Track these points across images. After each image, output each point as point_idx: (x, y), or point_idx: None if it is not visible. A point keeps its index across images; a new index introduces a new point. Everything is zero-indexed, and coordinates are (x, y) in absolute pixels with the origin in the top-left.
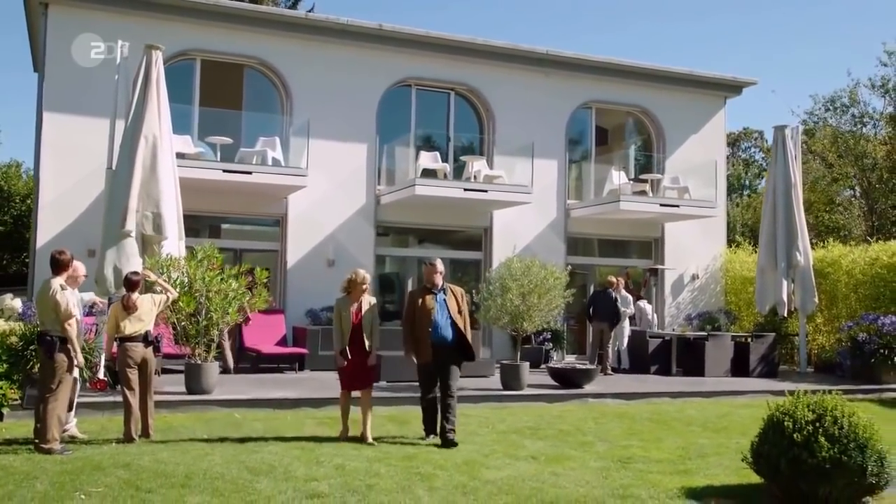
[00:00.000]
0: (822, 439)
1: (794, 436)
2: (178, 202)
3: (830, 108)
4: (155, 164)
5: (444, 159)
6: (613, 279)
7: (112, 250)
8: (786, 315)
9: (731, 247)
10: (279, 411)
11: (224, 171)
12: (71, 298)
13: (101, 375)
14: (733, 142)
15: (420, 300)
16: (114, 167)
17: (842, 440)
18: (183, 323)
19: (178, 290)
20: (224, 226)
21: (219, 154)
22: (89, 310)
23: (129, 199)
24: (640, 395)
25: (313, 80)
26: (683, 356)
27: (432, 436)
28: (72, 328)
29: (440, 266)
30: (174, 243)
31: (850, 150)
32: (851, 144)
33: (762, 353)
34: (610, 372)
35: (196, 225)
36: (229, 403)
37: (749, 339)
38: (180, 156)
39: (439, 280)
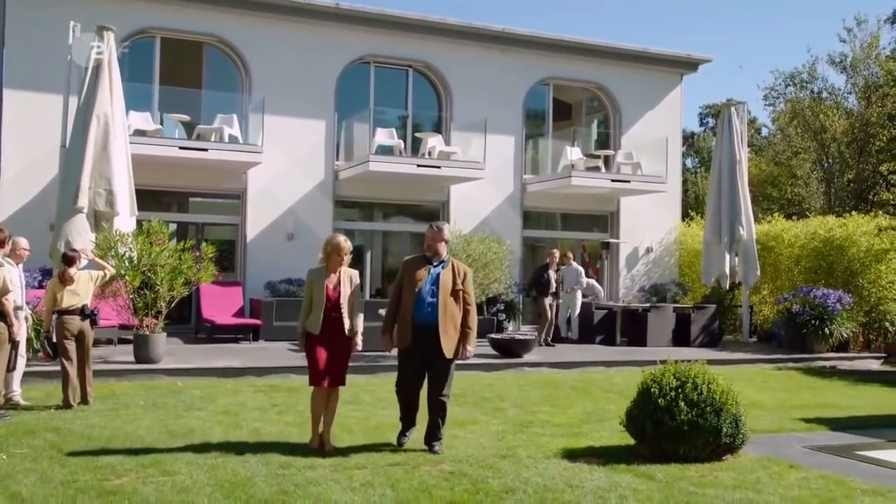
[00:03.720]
0: (682, 404)
1: (659, 401)
2: (130, 179)
3: (791, 83)
4: (107, 143)
5: (403, 136)
6: (555, 253)
7: (66, 225)
8: (728, 287)
9: (685, 221)
10: (224, 379)
11: (181, 147)
12: (9, 274)
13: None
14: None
15: (412, 271)
16: (67, 145)
17: (700, 404)
18: (131, 296)
19: (126, 264)
20: (186, 200)
21: (177, 132)
22: (38, 284)
23: (82, 176)
24: (575, 365)
25: (272, 57)
26: (628, 327)
27: (410, 431)
28: (8, 303)
29: (446, 232)
30: (126, 219)
31: (808, 125)
32: (810, 119)
33: (703, 324)
34: (551, 343)
35: (159, 200)
36: (175, 372)
37: (691, 311)
38: (140, 133)
39: (443, 249)
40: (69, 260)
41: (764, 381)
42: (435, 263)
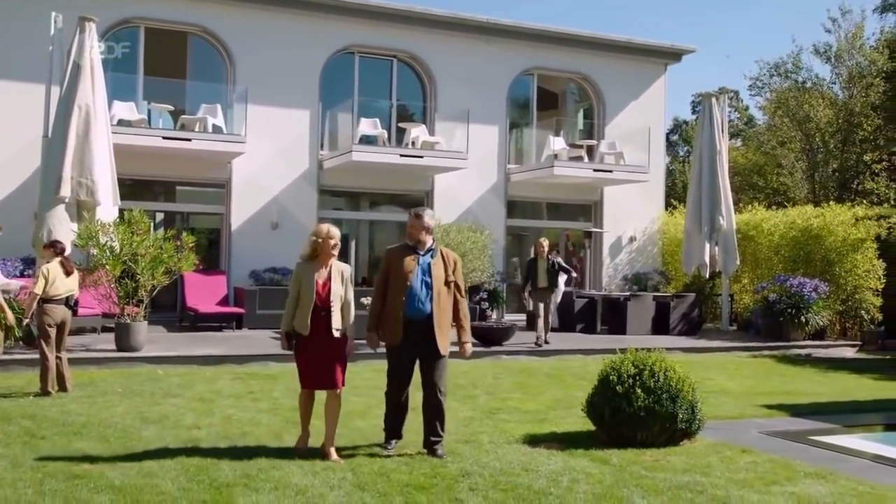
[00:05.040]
0: (639, 391)
1: (617, 388)
2: (112, 169)
3: (775, 73)
4: (88, 133)
5: (388, 126)
6: (543, 242)
7: (48, 215)
8: (709, 276)
9: (668, 210)
10: (204, 367)
11: (164, 137)
12: None
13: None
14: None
15: (398, 262)
16: (49, 135)
17: (656, 391)
18: (113, 285)
19: (108, 254)
20: (172, 190)
21: (161, 122)
22: (20, 273)
23: (63, 166)
24: (553, 353)
25: (256, 47)
26: (609, 316)
27: (394, 442)
28: None
29: (428, 219)
30: (109, 209)
31: (793, 115)
32: (794, 108)
33: (683, 312)
34: (547, 341)
35: (145, 189)
36: (156, 360)
37: (671, 300)
38: (125, 123)
39: (427, 238)
40: (63, 249)
41: (736, 369)
42: (423, 253)
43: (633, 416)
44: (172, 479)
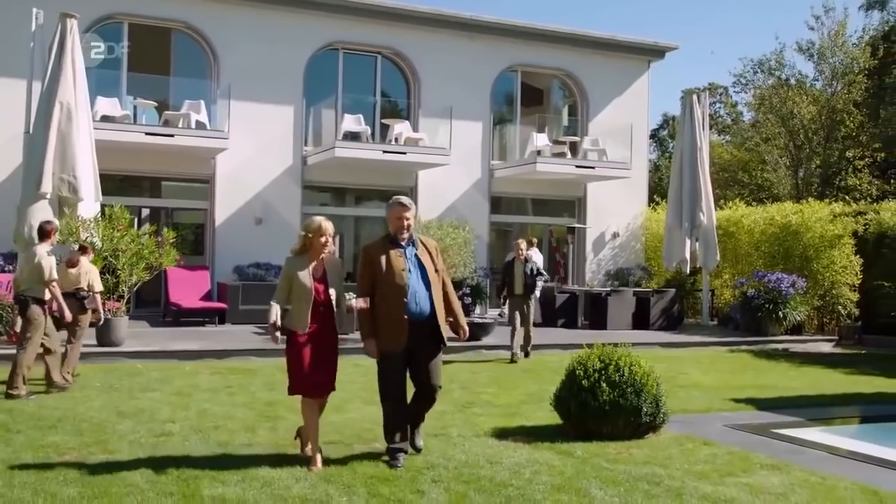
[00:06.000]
0: (605, 385)
1: (583, 382)
2: (94, 165)
3: (759, 70)
4: (70, 129)
5: (372, 122)
6: (521, 244)
7: (29, 211)
8: (690, 272)
9: (651, 206)
10: (184, 362)
11: (147, 133)
12: (52, 262)
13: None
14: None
15: (383, 259)
16: (31, 131)
17: (621, 385)
18: None
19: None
20: (156, 185)
21: (144, 118)
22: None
23: (45, 162)
24: (533, 348)
25: (240, 44)
26: (590, 311)
27: (403, 456)
28: (55, 288)
29: (407, 207)
30: (91, 204)
31: (776, 112)
32: (777, 105)
33: (663, 308)
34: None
35: (129, 185)
36: (137, 355)
37: (651, 295)
38: (108, 119)
39: (408, 229)
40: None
41: (711, 363)
42: (405, 245)
43: (599, 409)
44: (141, 472)
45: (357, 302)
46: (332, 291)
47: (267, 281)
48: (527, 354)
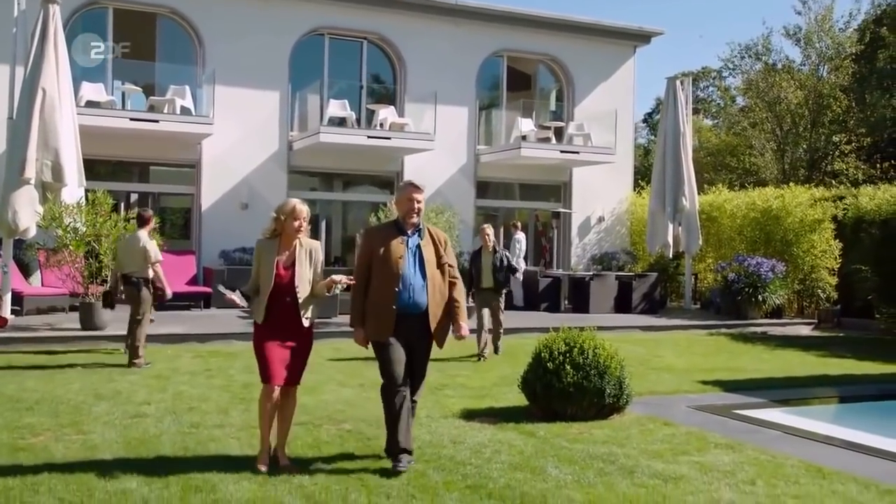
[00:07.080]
0: (569, 367)
1: (548, 364)
2: (77, 150)
3: (746, 55)
4: (53, 115)
5: (357, 107)
6: (487, 231)
7: (13, 197)
8: (673, 256)
9: (636, 190)
10: (167, 345)
11: (132, 119)
12: (155, 245)
13: (6, 314)
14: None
15: (382, 244)
16: (14, 117)
17: (585, 368)
18: (76, 265)
19: (71, 235)
20: (143, 170)
21: (130, 103)
22: None
23: (28, 148)
24: (514, 331)
25: (225, 28)
26: (573, 295)
27: (406, 458)
28: (159, 268)
29: (419, 189)
30: (74, 190)
31: (763, 96)
32: (764, 90)
33: (645, 292)
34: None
35: (116, 170)
36: (120, 339)
37: (633, 279)
38: (94, 104)
39: (418, 214)
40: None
41: (688, 346)
42: (410, 233)
43: (563, 391)
44: (113, 452)
45: (339, 277)
46: (308, 275)
47: (252, 265)
48: (496, 350)
